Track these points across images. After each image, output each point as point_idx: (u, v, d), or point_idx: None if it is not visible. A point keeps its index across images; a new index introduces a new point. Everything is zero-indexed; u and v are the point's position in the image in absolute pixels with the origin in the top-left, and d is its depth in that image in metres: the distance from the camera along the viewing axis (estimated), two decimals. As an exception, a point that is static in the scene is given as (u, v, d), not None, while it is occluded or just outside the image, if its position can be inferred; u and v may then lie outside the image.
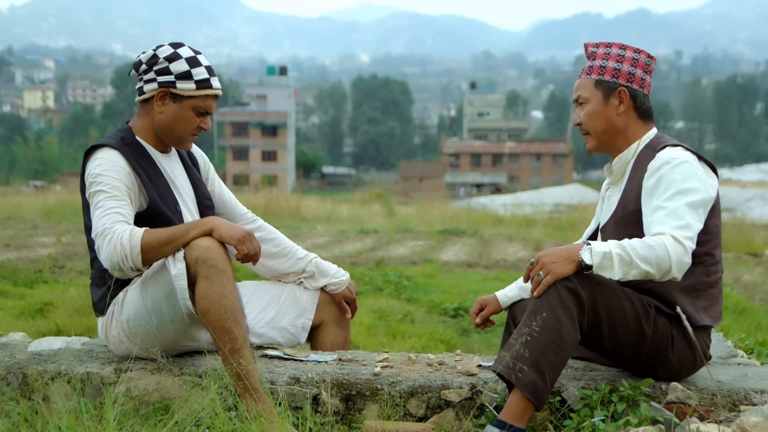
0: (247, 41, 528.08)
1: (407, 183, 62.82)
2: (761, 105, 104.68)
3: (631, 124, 2.64)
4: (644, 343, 2.49)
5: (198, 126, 2.78)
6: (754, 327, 4.65)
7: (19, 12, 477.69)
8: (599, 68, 2.65)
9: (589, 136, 2.69)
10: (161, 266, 2.59)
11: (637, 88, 2.63)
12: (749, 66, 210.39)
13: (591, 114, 2.65)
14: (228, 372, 2.47)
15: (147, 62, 2.74)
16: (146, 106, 2.79)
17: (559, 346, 2.33)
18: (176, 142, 2.82)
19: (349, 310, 3.11)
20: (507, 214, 20.47)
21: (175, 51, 2.74)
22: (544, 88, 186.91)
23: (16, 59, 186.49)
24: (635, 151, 2.64)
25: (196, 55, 2.77)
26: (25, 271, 7.25)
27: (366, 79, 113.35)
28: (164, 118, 2.76)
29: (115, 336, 2.72)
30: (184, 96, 2.73)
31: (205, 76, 2.74)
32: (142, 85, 2.77)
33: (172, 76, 2.72)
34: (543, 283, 2.36)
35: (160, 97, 2.74)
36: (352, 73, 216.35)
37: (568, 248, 2.39)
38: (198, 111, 2.76)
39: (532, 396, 2.30)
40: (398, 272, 8.02)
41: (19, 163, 70.52)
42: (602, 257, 2.33)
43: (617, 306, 2.43)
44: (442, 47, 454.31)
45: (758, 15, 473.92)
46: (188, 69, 2.72)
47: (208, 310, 2.46)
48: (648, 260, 2.32)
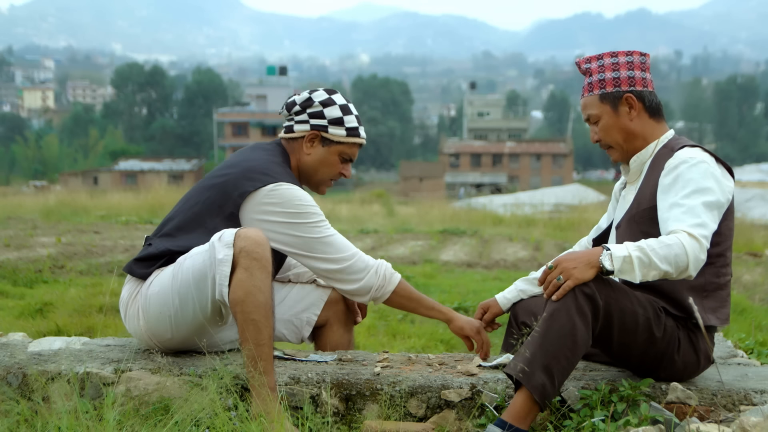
0: (247, 41, 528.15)
1: (407, 183, 62.81)
2: (761, 105, 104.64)
3: (645, 125, 2.65)
4: (653, 347, 2.50)
5: (340, 172, 2.88)
6: (754, 327, 4.65)
7: (19, 12, 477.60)
8: (599, 82, 2.65)
9: (611, 149, 2.69)
10: (201, 251, 2.59)
11: (642, 89, 2.64)
12: (749, 66, 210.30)
13: (606, 129, 2.65)
14: (246, 364, 2.46)
15: (301, 104, 2.84)
16: (292, 145, 2.87)
17: (572, 350, 2.34)
18: (316, 185, 2.92)
19: (359, 313, 3.12)
20: (507, 214, 20.46)
21: (329, 97, 2.84)
22: (544, 88, 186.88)
23: (16, 59, 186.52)
24: (653, 150, 2.65)
25: (348, 103, 2.87)
26: (25, 271, 7.25)
27: (366, 79, 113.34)
28: (311, 161, 2.85)
29: (133, 311, 2.72)
30: (334, 141, 2.83)
31: (356, 125, 2.85)
32: (292, 124, 2.86)
33: (325, 120, 2.82)
34: (563, 287, 2.35)
35: (310, 139, 2.83)
36: (352, 73, 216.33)
37: (588, 253, 2.38)
38: (343, 157, 2.86)
39: (540, 398, 2.31)
40: (398, 272, 8.00)
41: (19, 163, 70.49)
42: (622, 261, 2.33)
43: (630, 312, 2.43)
44: (442, 47, 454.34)
45: (758, 15, 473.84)
46: (341, 116, 2.82)
47: (243, 301, 2.47)
48: (668, 260, 2.32)
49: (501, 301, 2.99)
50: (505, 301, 2.99)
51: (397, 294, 2.78)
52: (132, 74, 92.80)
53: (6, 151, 74.84)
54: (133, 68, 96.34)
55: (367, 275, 2.73)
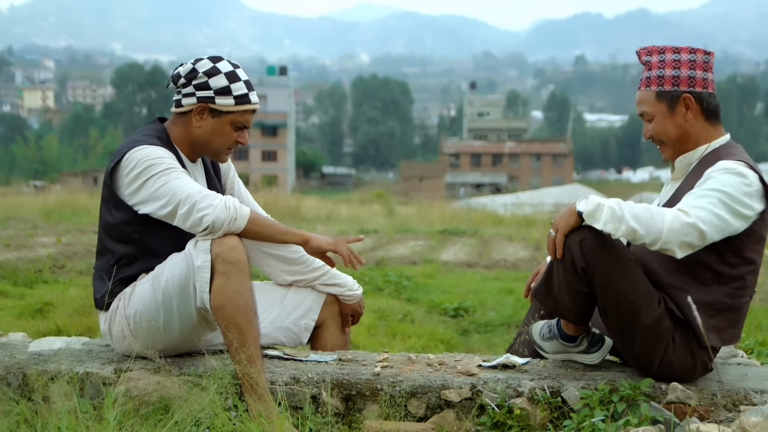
0: (247, 41, 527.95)
1: (407, 183, 62.81)
2: (761, 105, 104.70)
3: (700, 128, 2.57)
4: (639, 334, 2.48)
5: (235, 140, 2.79)
6: (754, 327, 4.64)
7: (19, 12, 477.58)
8: (657, 78, 2.56)
9: (664, 145, 2.63)
10: (178, 261, 2.59)
11: (701, 90, 2.55)
12: (749, 66, 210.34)
13: (661, 126, 2.59)
14: (235, 370, 2.47)
15: (186, 76, 2.73)
16: (183, 118, 2.78)
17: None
18: (213, 155, 2.84)
19: (350, 322, 3.11)
20: (507, 214, 20.48)
21: (214, 65, 2.73)
22: (544, 88, 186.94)
23: (16, 59, 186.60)
24: (702, 152, 2.58)
25: (235, 69, 2.75)
26: (25, 271, 7.25)
27: (366, 79, 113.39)
28: (202, 133, 2.76)
29: (117, 332, 2.72)
30: (223, 111, 2.73)
31: (244, 92, 2.74)
32: (180, 98, 2.76)
33: (211, 91, 2.71)
34: (557, 242, 2.42)
35: (199, 111, 2.73)
36: (352, 73, 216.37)
37: (573, 203, 2.45)
38: (236, 126, 2.77)
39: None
40: (398, 272, 8.01)
41: (19, 163, 70.46)
42: (596, 207, 2.36)
43: (614, 288, 2.44)
44: (442, 47, 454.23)
45: (758, 15, 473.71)
46: (227, 84, 2.71)
47: (223, 306, 2.47)
48: (639, 220, 2.32)
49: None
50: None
51: (251, 223, 2.58)
52: (132, 74, 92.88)
53: (6, 151, 74.83)
54: (133, 68, 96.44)
55: (217, 210, 2.53)
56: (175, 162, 2.65)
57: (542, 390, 2.57)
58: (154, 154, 2.62)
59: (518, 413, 2.49)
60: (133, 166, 2.62)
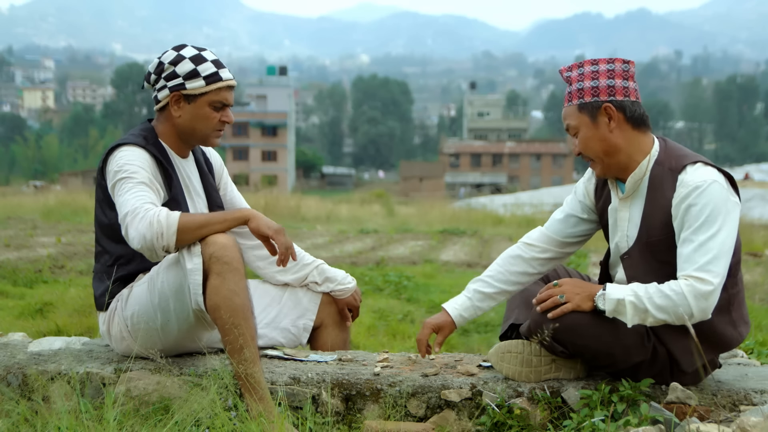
0: (247, 41, 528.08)
1: (407, 183, 62.80)
2: (761, 105, 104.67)
3: (630, 138, 2.51)
4: (633, 368, 2.55)
5: (220, 120, 2.80)
6: (754, 327, 4.65)
7: (19, 12, 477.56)
8: (578, 92, 2.53)
9: (593, 162, 2.59)
10: (172, 262, 2.59)
11: (622, 98, 2.50)
12: (749, 66, 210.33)
13: (585, 140, 2.53)
14: (234, 369, 2.47)
15: (155, 71, 2.77)
16: (164, 113, 2.80)
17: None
18: (202, 141, 2.84)
19: (349, 317, 3.10)
20: (507, 214, 20.48)
21: (178, 53, 2.76)
22: (544, 88, 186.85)
23: (16, 59, 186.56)
24: (646, 167, 2.53)
25: (200, 51, 2.78)
26: (25, 271, 7.25)
27: (366, 79, 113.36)
28: (183, 121, 2.77)
29: (116, 332, 2.73)
30: (197, 95, 2.74)
31: (213, 70, 2.75)
32: (156, 94, 2.79)
33: (179, 78, 2.73)
34: (562, 308, 2.45)
35: (174, 101, 2.76)
36: (352, 73, 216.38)
37: (591, 286, 2.48)
38: (215, 106, 2.77)
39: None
40: (398, 272, 8.01)
41: (19, 163, 70.48)
42: (616, 304, 2.40)
43: (597, 348, 2.49)
44: (442, 47, 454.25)
45: (758, 15, 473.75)
46: (194, 67, 2.73)
47: (219, 307, 2.46)
48: (664, 310, 2.35)
49: (457, 319, 2.78)
50: (461, 320, 2.79)
51: (184, 231, 2.47)
52: (132, 74, 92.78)
53: (6, 151, 74.84)
54: (133, 68, 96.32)
55: (142, 230, 2.45)
56: (141, 168, 2.62)
57: (542, 390, 2.58)
58: (125, 158, 2.64)
59: (518, 413, 2.49)
60: (111, 168, 2.66)
